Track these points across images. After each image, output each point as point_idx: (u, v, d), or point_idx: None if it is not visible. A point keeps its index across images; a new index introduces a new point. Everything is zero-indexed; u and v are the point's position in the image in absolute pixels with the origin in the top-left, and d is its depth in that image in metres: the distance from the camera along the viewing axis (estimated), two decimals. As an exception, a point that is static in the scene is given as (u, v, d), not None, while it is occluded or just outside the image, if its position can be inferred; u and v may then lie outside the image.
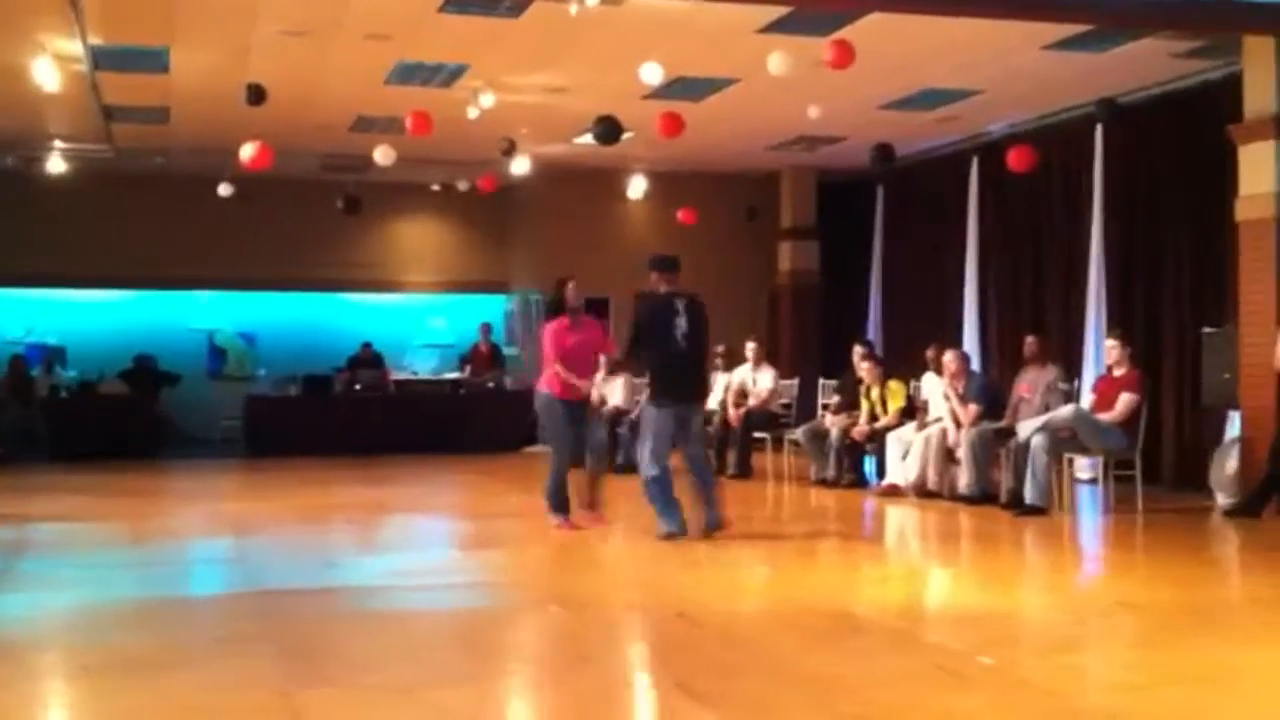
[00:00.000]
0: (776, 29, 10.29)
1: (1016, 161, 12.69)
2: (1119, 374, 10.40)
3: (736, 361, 13.83)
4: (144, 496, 12.06)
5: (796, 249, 17.74)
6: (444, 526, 10.69)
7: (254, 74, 11.34)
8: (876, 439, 11.91)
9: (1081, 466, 11.58)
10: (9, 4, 9.87)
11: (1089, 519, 10.55)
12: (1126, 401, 10.16)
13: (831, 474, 12.15)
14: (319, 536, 9.60)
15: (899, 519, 10.54)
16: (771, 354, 14.65)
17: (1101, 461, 10.63)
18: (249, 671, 5.34)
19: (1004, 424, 10.87)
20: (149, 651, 5.67)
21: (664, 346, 8.74)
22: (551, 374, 9.22)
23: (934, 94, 12.81)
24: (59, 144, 15.02)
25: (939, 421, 11.29)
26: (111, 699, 5.00)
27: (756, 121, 14.25)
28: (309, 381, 16.50)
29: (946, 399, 11.26)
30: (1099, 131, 12.81)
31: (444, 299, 18.97)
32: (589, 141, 12.77)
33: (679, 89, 12.22)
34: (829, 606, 6.77)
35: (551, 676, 5.47)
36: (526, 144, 14.48)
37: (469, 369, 17.38)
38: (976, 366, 13.01)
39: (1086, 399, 10.92)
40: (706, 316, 8.97)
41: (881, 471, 11.84)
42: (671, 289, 8.85)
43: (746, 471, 13.03)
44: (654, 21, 10.20)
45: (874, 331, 16.80)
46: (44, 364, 16.51)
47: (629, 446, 12.41)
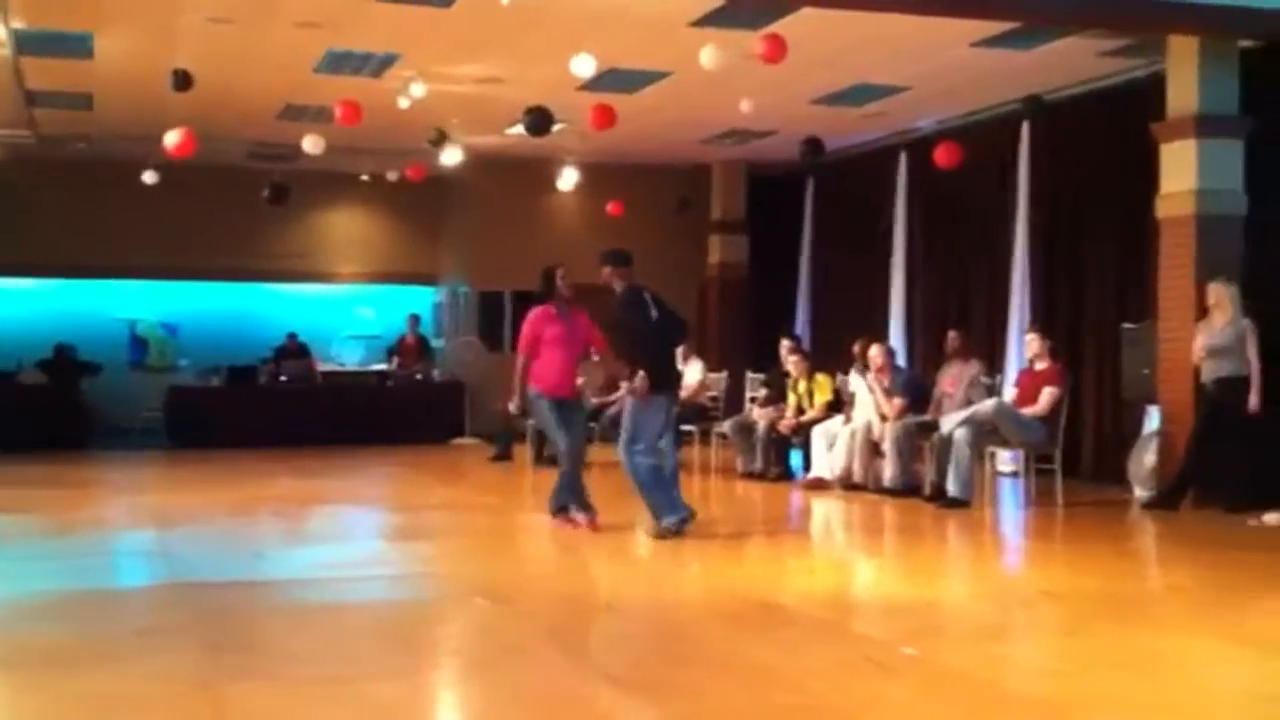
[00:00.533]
0: (710, 22, 10.32)
1: (944, 158, 12.80)
2: (1040, 368, 10.56)
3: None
4: (65, 488, 11.85)
5: (726, 242, 17.81)
6: (372, 518, 10.61)
7: (180, 60, 11.18)
8: (803, 432, 11.99)
9: (1003, 460, 11.74)
10: (-73, -15, 9.68)
11: (1010, 511, 10.70)
12: (1049, 395, 10.31)
13: (759, 466, 12.22)
14: (245, 528, 9.49)
15: (825, 511, 10.63)
16: (700, 347, 14.69)
17: (1023, 455, 10.78)
18: (171, 665, 5.28)
19: (928, 418, 10.99)
20: (69, 645, 5.59)
21: (643, 337, 8.72)
22: (537, 368, 8.93)
23: (864, 89, 12.90)
24: (-21, 129, 14.75)
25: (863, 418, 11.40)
26: (29, 694, 4.92)
27: (688, 115, 14.28)
28: (233, 372, 16.31)
29: (871, 392, 11.36)
30: (1025, 128, 12.98)
31: (372, 290, 18.83)
32: (520, 132, 12.72)
33: (611, 81, 12.21)
34: (757, 597, 6.82)
35: (480, 669, 5.46)
36: (457, 134, 14.41)
37: (396, 360, 17.28)
38: (902, 361, 13.15)
39: (1009, 393, 11.06)
40: (674, 310, 9.01)
41: (808, 464, 11.92)
42: (630, 282, 8.80)
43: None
44: (587, 13, 10.19)
45: (802, 325, 16.92)
46: (-39, 353, 16.18)
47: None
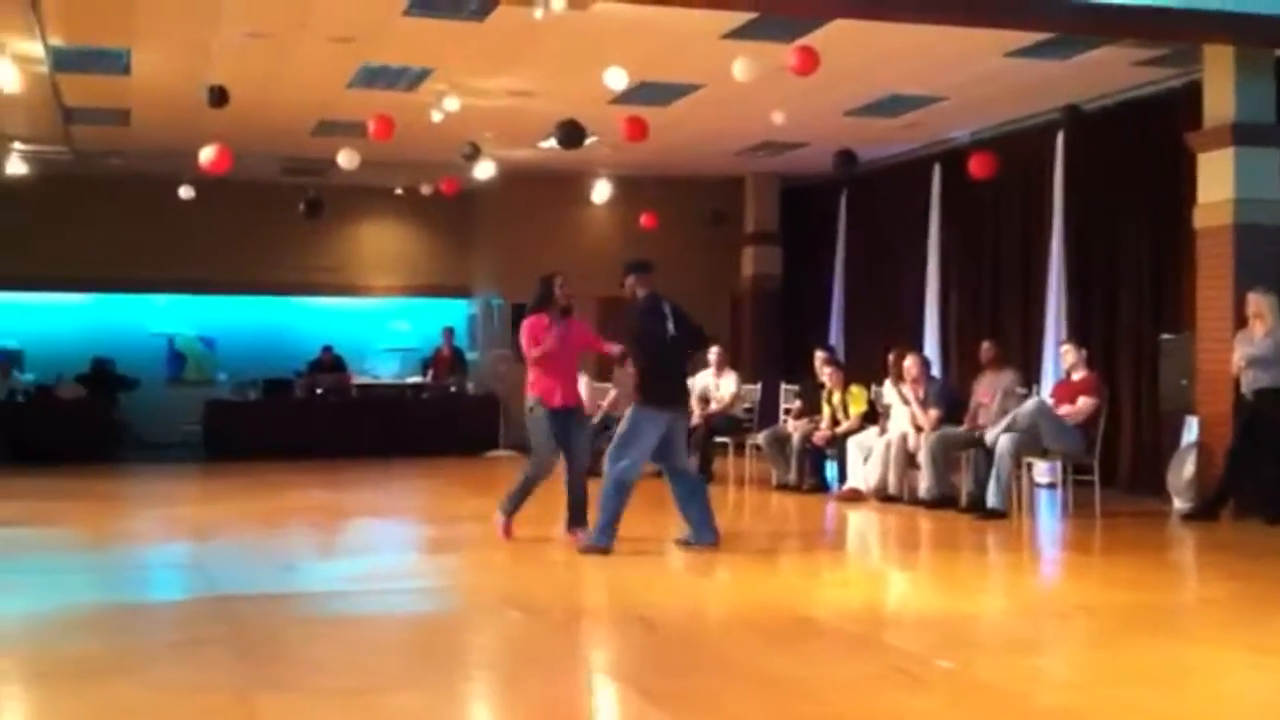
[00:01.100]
0: (742, 35, 10.32)
1: (978, 168, 12.74)
2: (1077, 378, 10.48)
3: (699, 366, 13.84)
4: (101, 501, 11.95)
5: (759, 254, 17.80)
6: (404, 531, 10.64)
7: (216, 76, 11.26)
8: (838, 444, 11.95)
9: (1040, 471, 11.63)
10: (-33, 4, 9.79)
11: (1048, 523, 10.62)
12: (1084, 404, 10.24)
13: (793, 479, 12.18)
14: (278, 541, 9.54)
15: (859, 523, 10.58)
16: (734, 359, 14.66)
17: (1060, 466, 10.70)
18: (205, 676, 5.30)
19: (963, 429, 10.93)
20: (104, 657, 5.63)
21: (658, 348, 8.59)
22: (535, 376, 8.88)
23: (897, 100, 12.86)
24: (18, 145, 14.88)
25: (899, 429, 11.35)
26: (65, 704, 4.97)
27: (721, 127, 14.28)
28: (269, 385, 16.41)
29: (907, 403, 11.31)
30: (1060, 138, 12.91)
31: (407, 303, 18.91)
32: (552, 146, 12.76)
33: (644, 94, 12.22)
34: (788, 610, 6.79)
35: (508, 681, 5.46)
36: (490, 148, 14.45)
37: (431, 373, 17.33)
38: (937, 372, 13.08)
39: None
40: (691, 320, 8.87)
41: (843, 476, 11.87)
42: (650, 290, 8.73)
43: (708, 476, 12.98)
44: (619, 26, 10.20)
45: (835, 336, 16.87)
46: (1, 367, 16.32)
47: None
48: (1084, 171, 12.79)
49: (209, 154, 11.95)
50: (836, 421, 12.11)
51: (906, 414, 11.34)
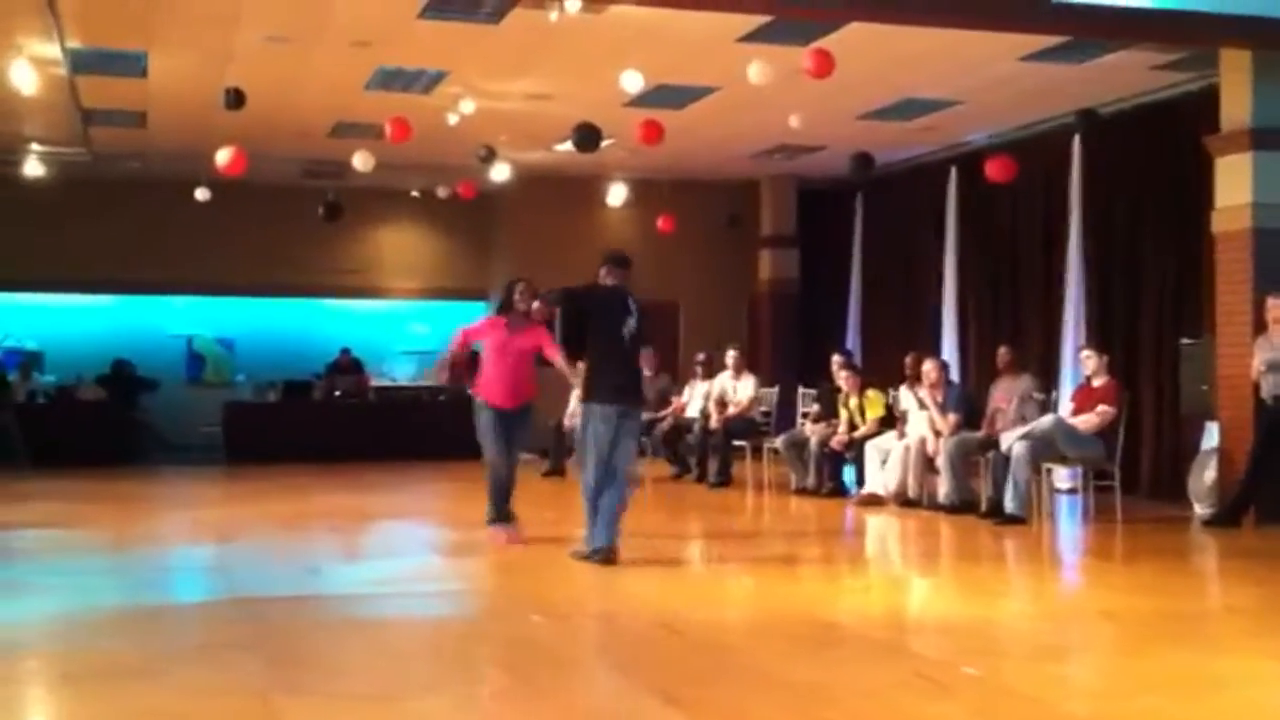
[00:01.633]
0: (757, 38, 10.33)
1: (995, 172, 12.73)
2: (1097, 384, 10.45)
3: (717, 369, 13.85)
4: (124, 503, 11.98)
5: (776, 257, 17.78)
6: (425, 533, 10.65)
7: (233, 79, 11.31)
8: (855, 448, 11.94)
9: (1061, 476, 11.62)
10: (-13, 7, 9.84)
11: (1068, 529, 10.59)
12: (1101, 413, 10.21)
13: (811, 483, 12.17)
14: (300, 543, 9.56)
15: (879, 528, 10.56)
16: (751, 362, 14.65)
17: (1080, 471, 10.67)
18: (230, 679, 5.32)
19: (982, 434, 10.91)
20: (130, 659, 5.64)
21: (611, 340, 8.19)
22: (482, 377, 9.05)
23: (914, 104, 12.85)
24: (36, 147, 14.95)
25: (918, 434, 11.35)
26: (92, 706, 4.98)
27: (737, 130, 14.28)
28: (288, 387, 16.46)
29: (924, 408, 11.30)
30: (1077, 142, 12.88)
31: (424, 305, 18.93)
32: (569, 149, 12.77)
33: (659, 97, 12.23)
34: (810, 615, 6.78)
35: (531, 686, 5.45)
36: (506, 151, 14.47)
37: (445, 376, 17.30)
38: (955, 376, 13.06)
39: (1065, 408, 10.95)
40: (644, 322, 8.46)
41: (861, 480, 11.86)
42: (619, 284, 8.39)
43: (727, 480, 13.04)
44: (635, 29, 10.21)
45: (853, 340, 16.84)
46: (21, 369, 16.38)
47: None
48: (1102, 175, 12.76)
49: (225, 156, 11.98)
50: (854, 426, 12.10)
51: (924, 418, 11.32)
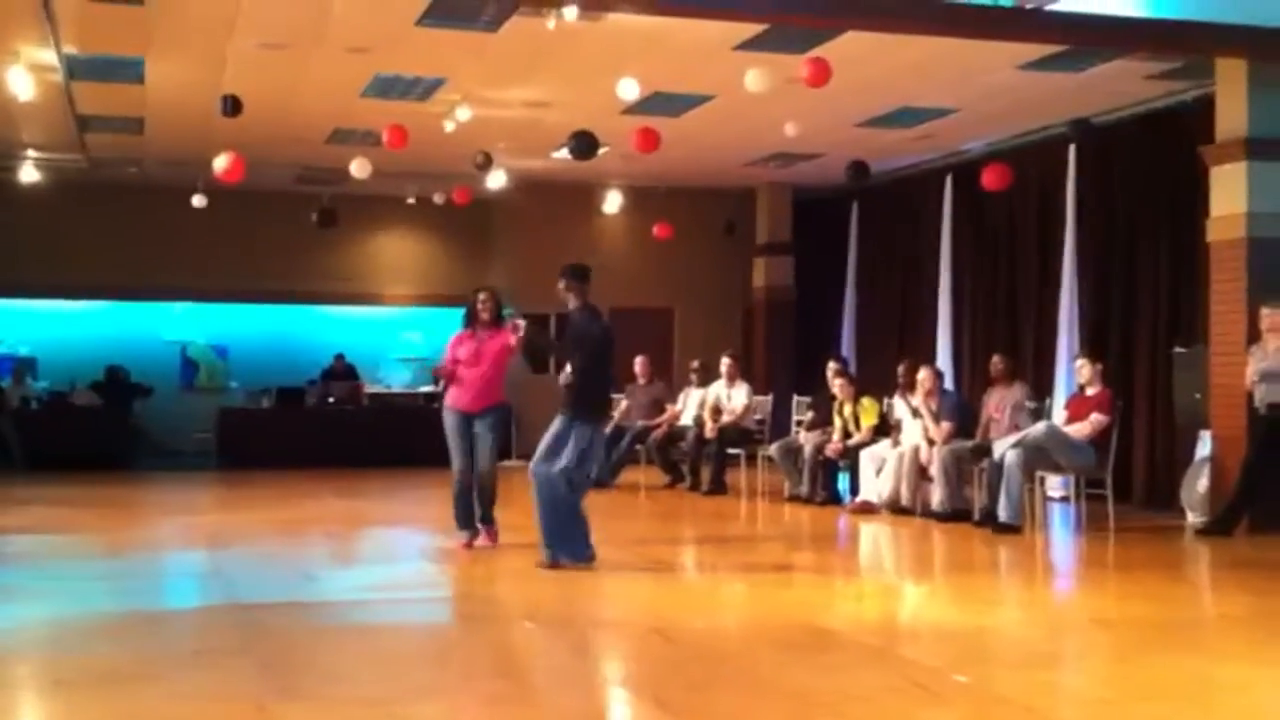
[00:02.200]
0: (754, 46, 10.34)
1: (991, 180, 12.75)
2: (1091, 393, 10.47)
3: (711, 377, 13.86)
4: (117, 508, 11.97)
5: (771, 265, 17.79)
6: (419, 540, 10.60)
7: (230, 85, 11.30)
8: (850, 456, 11.95)
9: (1054, 485, 11.64)
10: (-16, 13, 9.84)
11: (1061, 537, 10.61)
12: (1094, 421, 10.23)
13: (805, 490, 12.17)
14: (294, 549, 9.54)
15: (873, 535, 10.57)
16: (746, 370, 14.66)
17: (1073, 480, 10.69)
18: (224, 684, 5.32)
19: (976, 442, 10.93)
20: (124, 664, 5.64)
21: (604, 365, 8.45)
22: (452, 385, 9.23)
23: (910, 112, 12.87)
24: (32, 153, 14.94)
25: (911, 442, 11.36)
26: (85, 712, 4.98)
27: (733, 138, 14.29)
28: (282, 394, 16.45)
29: (919, 416, 11.31)
30: (1073, 151, 12.90)
31: (419, 312, 18.91)
32: (565, 156, 12.78)
33: (656, 104, 12.24)
34: (804, 622, 6.79)
35: (525, 691, 5.46)
36: (503, 158, 14.48)
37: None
38: (950, 384, 13.08)
39: (1059, 416, 10.98)
40: None
41: (855, 488, 11.87)
42: (584, 302, 8.40)
43: (720, 488, 13.03)
44: (632, 37, 10.22)
45: (848, 348, 16.84)
46: (15, 374, 16.37)
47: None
48: (1097, 184, 12.78)
49: (223, 163, 11.98)
50: (848, 433, 12.12)
51: (918, 426, 11.34)
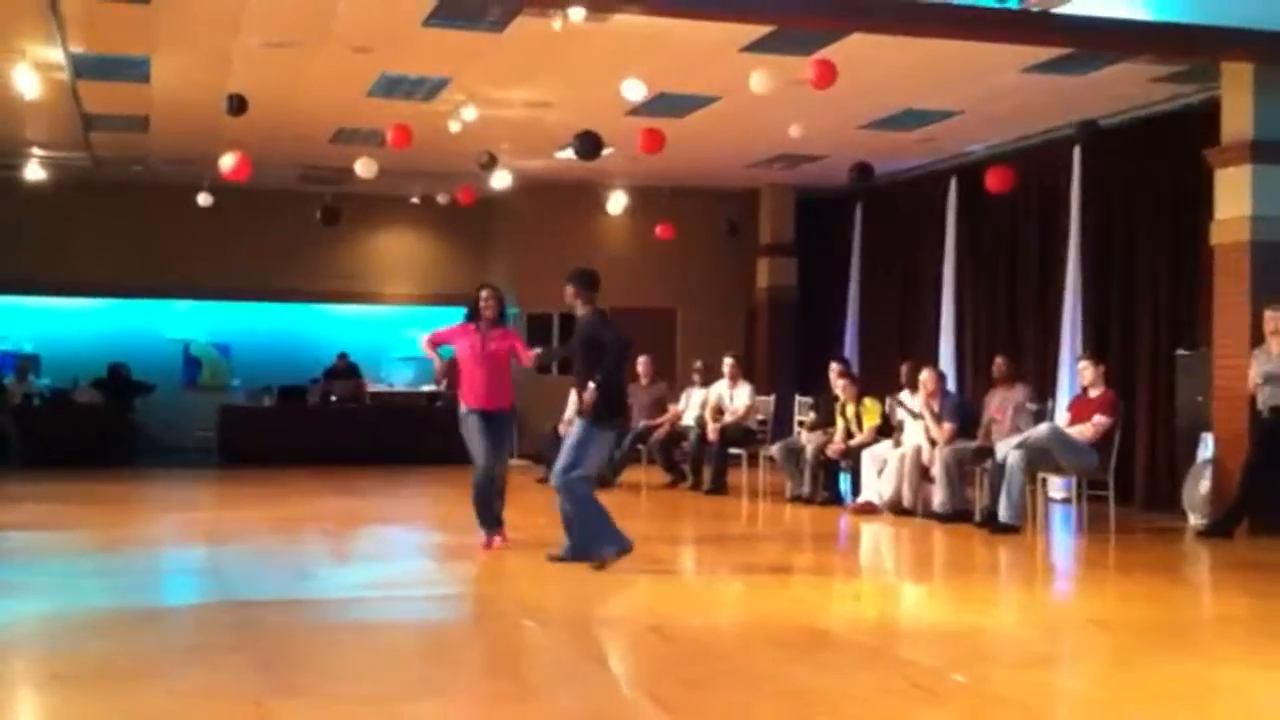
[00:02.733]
0: (759, 47, 10.34)
1: (995, 182, 12.75)
2: (1094, 395, 10.46)
3: (713, 377, 13.86)
4: (117, 505, 11.98)
5: (775, 265, 17.78)
6: (418, 538, 10.65)
7: (235, 84, 11.32)
8: (852, 456, 11.94)
9: (1055, 486, 11.63)
10: (-10, 11, 9.85)
11: (1062, 538, 10.60)
12: (1097, 423, 10.22)
13: (806, 491, 12.17)
14: (293, 547, 9.56)
15: (874, 536, 10.56)
16: (748, 370, 14.66)
17: (1075, 481, 10.68)
18: (221, 681, 5.32)
19: (978, 443, 10.92)
20: (120, 660, 5.65)
21: (620, 370, 8.47)
22: (462, 383, 9.01)
23: (914, 114, 12.86)
24: (37, 151, 14.97)
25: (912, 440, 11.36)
26: (82, 707, 4.98)
27: (737, 139, 14.29)
28: (284, 392, 16.47)
29: (920, 417, 11.31)
30: (1077, 153, 12.89)
31: (422, 311, 18.90)
32: (569, 156, 12.78)
33: (661, 105, 12.24)
34: (803, 622, 6.78)
35: (523, 689, 5.46)
36: (507, 158, 14.49)
37: (445, 382, 17.29)
38: (952, 386, 13.07)
39: (1061, 418, 10.97)
40: None
41: (856, 489, 11.87)
42: (593, 308, 8.35)
43: (721, 488, 13.03)
44: (637, 38, 10.23)
45: (850, 349, 16.84)
46: (17, 371, 16.39)
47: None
48: (1101, 187, 12.77)
49: (229, 162, 11.99)
50: (850, 434, 12.11)
51: (918, 427, 11.34)
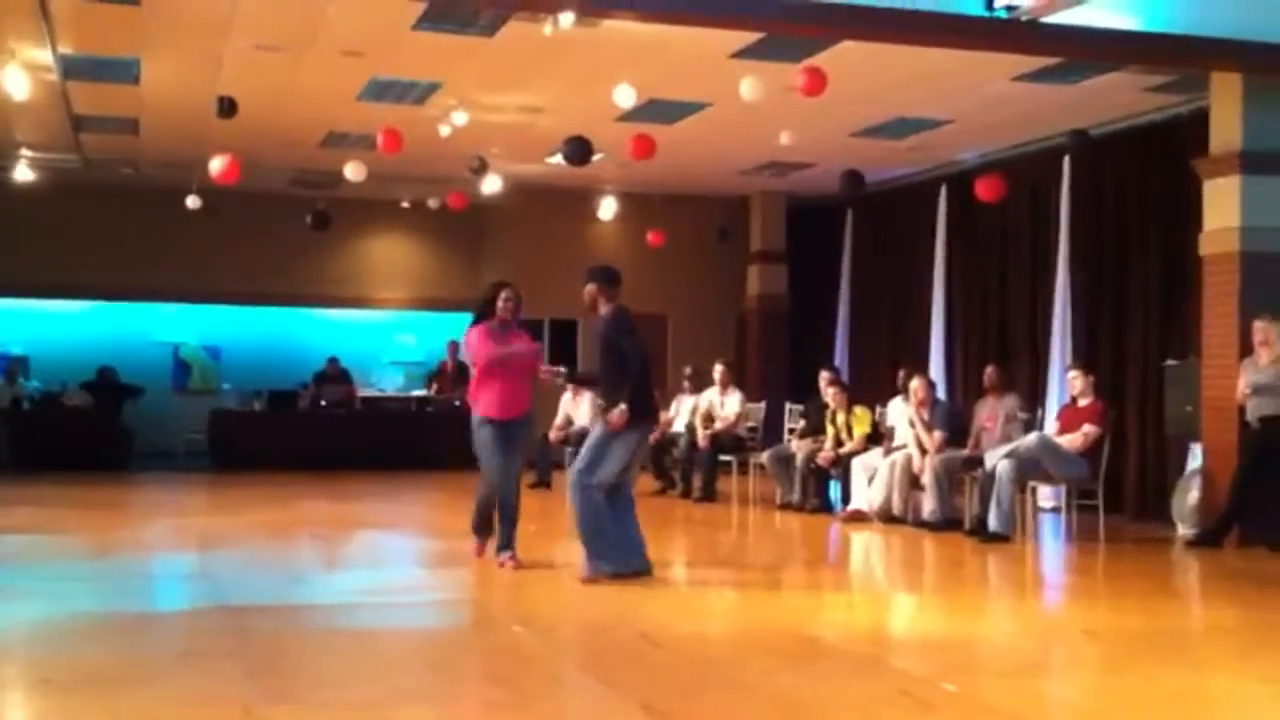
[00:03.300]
0: (750, 54, 10.35)
1: (985, 191, 12.78)
2: (1083, 404, 10.49)
3: (704, 384, 13.86)
4: (107, 509, 11.95)
5: (765, 273, 17.80)
6: (410, 544, 10.64)
7: (225, 87, 11.31)
8: (842, 464, 11.95)
9: (1045, 495, 11.66)
10: (-21, 12, 9.83)
11: (1052, 547, 10.61)
12: (1087, 433, 10.25)
13: (797, 498, 12.18)
14: (284, 552, 9.55)
15: (864, 544, 10.57)
16: (739, 377, 14.67)
17: (1064, 490, 10.70)
18: (212, 687, 5.30)
19: (968, 452, 10.94)
20: (111, 666, 5.63)
21: (639, 365, 8.12)
22: (477, 391, 8.61)
23: (905, 123, 12.89)
24: (26, 153, 14.91)
25: (903, 447, 11.36)
26: (72, 713, 4.96)
27: (728, 146, 14.31)
28: (274, 396, 16.44)
29: (912, 425, 11.32)
30: (1067, 162, 12.93)
31: (413, 316, 18.91)
32: (560, 161, 12.79)
33: (651, 112, 12.26)
34: (793, 630, 6.78)
35: (515, 696, 5.44)
36: (498, 163, 14.49)
37: (435, 387, 17.32)
38: (942, 394, 13.09)
39: (1050, 427, 10.99)
40: None
41: (846, 497, 11.88)
42: (616, 306, 8.20)
43: (712, 495, 13.04)
44: (628, 44, 10.24)
45: (840, 357, 16.87)
46: (7, 374, 16.34)
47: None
48: (1091, 196, 12.81)
49: (219, 164, 11.97)
50: (840, 442, 12.12)
51: (911, 435, 11.35)
